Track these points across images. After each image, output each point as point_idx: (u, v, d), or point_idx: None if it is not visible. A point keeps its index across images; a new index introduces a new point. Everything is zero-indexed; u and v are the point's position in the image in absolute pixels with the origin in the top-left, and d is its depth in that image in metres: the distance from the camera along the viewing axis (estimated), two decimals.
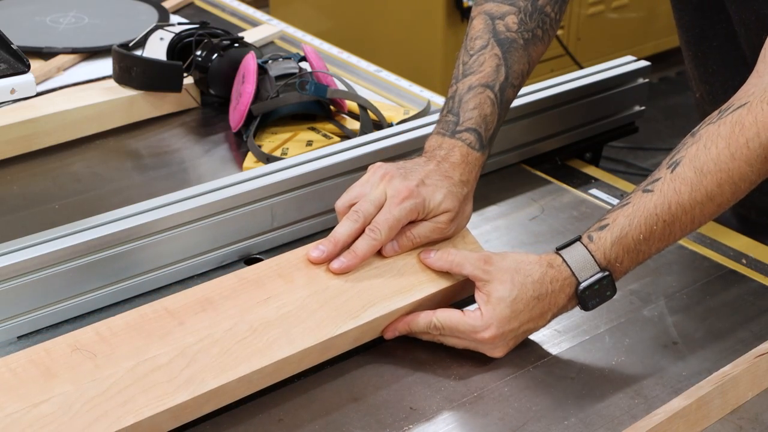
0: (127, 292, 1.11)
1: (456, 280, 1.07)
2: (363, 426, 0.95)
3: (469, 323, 1.01)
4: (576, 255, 1.03)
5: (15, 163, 1.41)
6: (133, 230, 1.10)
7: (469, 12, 1.20)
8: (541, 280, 1.02)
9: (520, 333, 1.03)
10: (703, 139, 1.02)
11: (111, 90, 1.52)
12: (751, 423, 0.97)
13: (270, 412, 0.96)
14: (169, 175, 1.40)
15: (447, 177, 1.09)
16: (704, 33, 1.27)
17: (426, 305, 1.05)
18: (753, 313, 1.11)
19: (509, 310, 1.01)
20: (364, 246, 1.05)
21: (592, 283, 1.02)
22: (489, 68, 1.16)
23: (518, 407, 0.97)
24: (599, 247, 1.02)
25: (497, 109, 1.15)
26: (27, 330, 1.06)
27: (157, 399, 0.87)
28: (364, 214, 1.06)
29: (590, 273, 1.02)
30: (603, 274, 1.02)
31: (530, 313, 1.02)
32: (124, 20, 1.85)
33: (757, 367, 0.99)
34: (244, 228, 1.19)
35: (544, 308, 1.02)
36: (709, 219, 1.03)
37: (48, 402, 0.84)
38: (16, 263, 1.03)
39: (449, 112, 1.15)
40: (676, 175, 1.01)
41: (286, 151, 1.40)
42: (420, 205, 1.07)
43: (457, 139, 1.12)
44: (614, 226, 1.02)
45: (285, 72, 1.49)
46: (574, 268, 1.02)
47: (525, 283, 1.02)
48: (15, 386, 0.85)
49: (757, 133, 1.00)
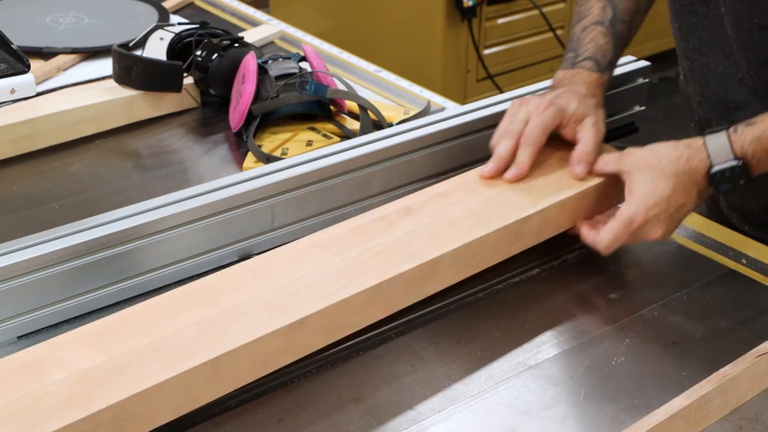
0: (127, 292, 1.11)
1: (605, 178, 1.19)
2: (363, 426, 0.95)
3: (622, 222, 1.10)
4: (717, 140, 1.11)
5: (15, 163, 1.41)
6: (133, 230, 1.10)
7: (469, 12, 1.22)
8: (678, 158, 1.11)
9: (672, 210, 1.11)
10: None
11: (111, 90, 1.52)
12: (751, 423, 0.97)
13: (270, 412, 0.96)
14: (169, 175, 1.41)
15: (575, 92, 1.22)
16: (693, 6, 1.29)
17: (587, 200, 1.18)
18: (753, 313, 1.11)
19: (651, 192, 1.10)
20: (524, 155, 1.17)
21: (724, 169, 1.10)
22: (596, 9, 1.31)
23: (518, 407, 0.97)
24: (739, 138, 1.11)
25: (611, 39, 1.29)
26: (27, 330, 1.06)
27: (388, 269, 1.03)
28: (516, 131, 1.19)
29: (724, 159, 1.10)
30: (736, 162, 1.10)
31: (673, 189, 1.10)
32: (124, 20, 1.85)
33: (757, 367, 0.99)
34: (244, 228, 1.19)
35: (686, 184, 1.11)
36: None
37: (304, 278, 1.01)
38: (16, 263, 1.03)
39: (569, 51, 1.30)
40: None
41: (286, 151, 1.40)
42: (560, 111, 1.19)
43: (578, 67, 1.27)
44: (759, 126, 1.11)
45: (285, 72, 1.49)
46: (711, 152, 1.11)
47: (661, 164, 1.11)
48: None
49: None
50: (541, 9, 3.34)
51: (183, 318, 0.95)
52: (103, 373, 0.87)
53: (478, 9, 3.18)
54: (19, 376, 0.87)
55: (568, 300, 1.14)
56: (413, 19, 3.24)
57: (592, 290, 1.15)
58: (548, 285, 1.16)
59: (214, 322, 0.94)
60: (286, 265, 1.04)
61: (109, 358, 0.89)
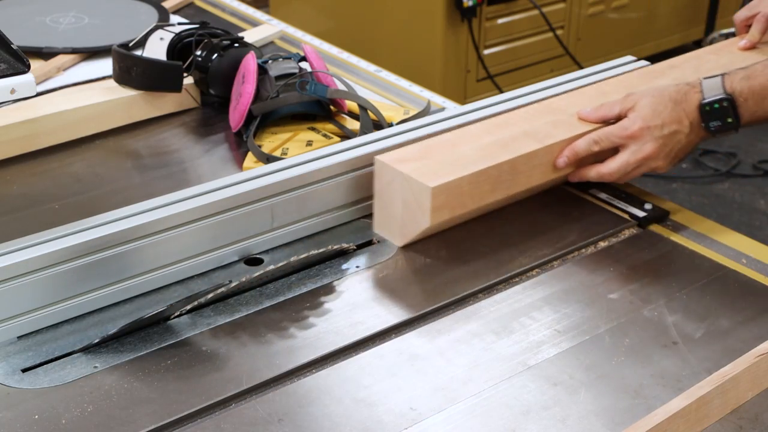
0: (127, 292, 1.12)
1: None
2: (363, 426, 0.95)
3: (620, 125, 1.27)
4: (712, 80, 1.26)
5: (15, 163, 1.41)
6: (133, 230, 1.10)
7: (469, 12, 1.25)
8: (677, 90, 1.27)
9: (666, 133, 1.25)
10: None
11: (111, 90, 1.52)
12: (751, 423, 0.97)
13: (270, 412, 0.96)
14: (169, 175, 1.41)
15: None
16: None
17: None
18: (753, 313, 1.11)
19: (650, 108, 1.25)
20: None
21: (713, 101, 1.24)
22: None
23: (517, 407, 0.97)
24: (730, 77, 1.26)
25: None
26: (27, 330, 1.06)
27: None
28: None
29: (715, 93, 1.25)
30: (724, 96, 1.24)
31: (670, 114, 1.25)
32: (124, 20, 1.85)
33: (757, 367, 0.99)
34: (244, 228, 1.19)
35: (680, 113, 1.25)
36: None
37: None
38: (16, 263, 1.03)
39: None
40: None
41: (286, 151, 1.40)
42: None
43: None
44: (751, 68, 1.26)
45: (285, 72, 1.49)
46: (705, 87, 1.26)
47: (662, 92, 1.27)
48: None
49: None
50: (541, 9, 3.34)
51: (519, 126, 1.31)
52: (496, 144, 1.27)
53: (478, 9, 3.18)
54: (438, 148, 1.25)
55: (568, 300, 1.14)
56: (413, 19, 3.24)
57: (592, 290, 1.15)
58: (548, 285, 1.16)
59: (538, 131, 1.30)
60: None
61: (497, 138, 1.28)
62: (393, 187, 1.21)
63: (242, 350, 1.04)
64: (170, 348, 1.04)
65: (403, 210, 1.21)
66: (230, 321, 1.08)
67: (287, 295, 1.13)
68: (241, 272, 1.18)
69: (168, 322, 1.08)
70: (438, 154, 1.24)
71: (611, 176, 1.29)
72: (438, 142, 1.28)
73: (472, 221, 1.27)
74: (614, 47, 3.64)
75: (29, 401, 0.97)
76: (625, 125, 1.26)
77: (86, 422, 0.94)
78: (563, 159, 1.28)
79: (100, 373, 1.00)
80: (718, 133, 1.27)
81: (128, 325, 1.04)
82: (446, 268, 1.19)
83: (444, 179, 1.18)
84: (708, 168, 3.48)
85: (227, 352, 1.04)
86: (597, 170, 1.29)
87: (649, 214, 1.29)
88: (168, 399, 0.97)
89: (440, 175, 1.19)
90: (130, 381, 0.99)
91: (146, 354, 1.03)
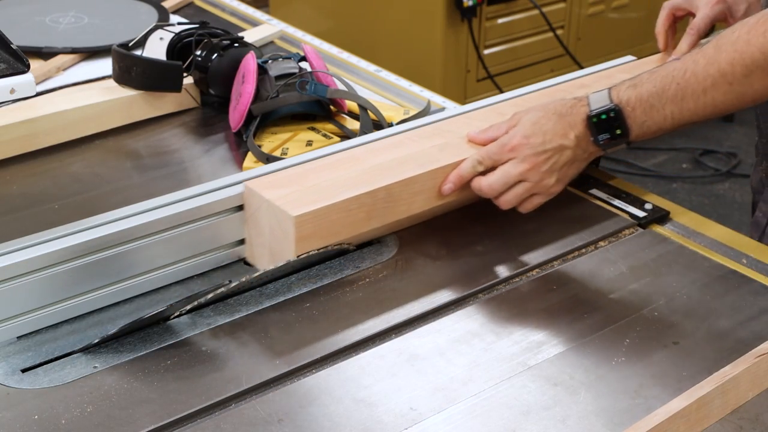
0: (127, 292, 1.11)
1: None
2: (363, 426, 0.95)
3: (499, 141, 1.23)
4: (598, 93, 1.22)
5: (15, 163, 1.41)
6: (133, 230, 1.10)
7: (469, 12, 1.24)
8: (563, 103, 1.23)
9: (548, 147, 1.20)
10: (736, 26, 1.16)
11: (111, 90, 1.52)
12: (751, 423, 0.97)
13: (270, 412, 0.96)
14: (169, 175, 1.41)
15: None
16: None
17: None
18: (753, 313, 1.11)
19: (531, 123, 1.21)
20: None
21: (600, 111, 1.20)
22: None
23: (517, 407, 0.97)
24: (617, 87, 1.22)
25: None
26: (27, 330, 1.06)
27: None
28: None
29: (601, 104, 1.20)
30: (611, 106, 1.20)
31: (554, 127, 1.21)
32: (124, 20, 1.85)
33: (757, 367, 0.99)
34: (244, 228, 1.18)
35: (565, 126, 1.21)
36: (721, 101, 1.16)
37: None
38: (16, 263, 1.03)
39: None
40: (700, 50, 1.18)
41: (286, 151, 1.40)
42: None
43: None
44: (637, 77, 1.21)
45: (285, 72, 1.49)
46: (591, 100, 1.22)
47: (547, 106, 1.24)
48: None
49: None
50: (541, 9, 3.34)
51: (407, 149, 1.26)
52: (378, 168, 1.21)
53: (478, 9, 3.17)
54: (316, 172, 1.19)
55: (568, 300, 1.14)
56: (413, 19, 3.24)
57: (593, 290, 1.15)
58: (548, 285, 1.16)
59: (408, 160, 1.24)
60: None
61: (381, 162, 1.22)
62: (260, 215, 1.15)
63: (242, 350, 1.04)
64: (170, 348, 1.04)
65: (270, 239, 1.15)
66: (230, 321, 1.08)
67: (287, 295, 1.13)
68: (241, 272, 1.18)
69: (168, 322, 1.08)
70: (314, 179, 1.18)
71: (491, 188, 1.22)
72: (318, 166, 1.21)
73: (471, 221, 1.27)
74: (614, 47, 3.63)
75: (29, 401, 0.97)
76: (504, 141, 1.22)
77: (86, 422, 0.94)
78: (449, 186, 1.23)
79: (100, 374, 1.00)
80: (608, 147, 1.22)
81: (128, 325, 1.04)
82: (446, 268, 1.19)
83: (310, 207, 1.11)
84: (708, 168, 3.49)
85: (227, 352, 1.04)
86: (478, 180, 1.23)
87: (649, 214, 1.29)
88: (168, 399, 0.97)
89: (306, 202, 1.12)
90: (129, 381, 0.99)
91: (146, 354, 1.03)
